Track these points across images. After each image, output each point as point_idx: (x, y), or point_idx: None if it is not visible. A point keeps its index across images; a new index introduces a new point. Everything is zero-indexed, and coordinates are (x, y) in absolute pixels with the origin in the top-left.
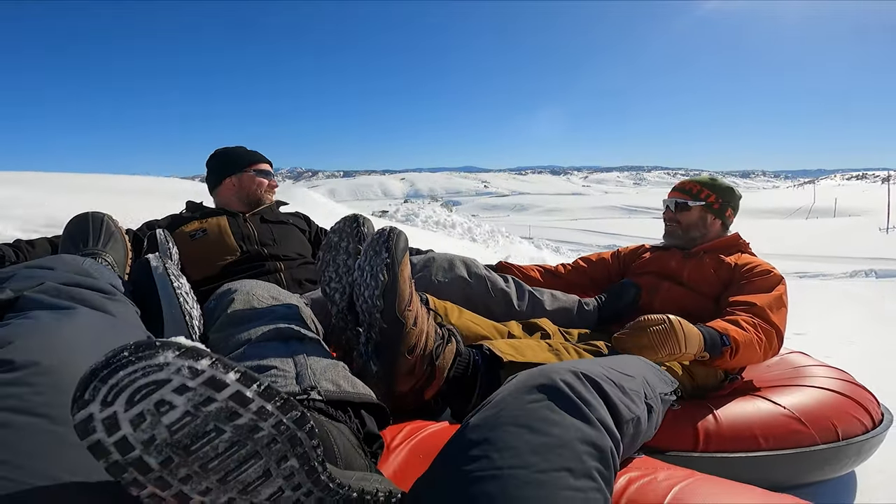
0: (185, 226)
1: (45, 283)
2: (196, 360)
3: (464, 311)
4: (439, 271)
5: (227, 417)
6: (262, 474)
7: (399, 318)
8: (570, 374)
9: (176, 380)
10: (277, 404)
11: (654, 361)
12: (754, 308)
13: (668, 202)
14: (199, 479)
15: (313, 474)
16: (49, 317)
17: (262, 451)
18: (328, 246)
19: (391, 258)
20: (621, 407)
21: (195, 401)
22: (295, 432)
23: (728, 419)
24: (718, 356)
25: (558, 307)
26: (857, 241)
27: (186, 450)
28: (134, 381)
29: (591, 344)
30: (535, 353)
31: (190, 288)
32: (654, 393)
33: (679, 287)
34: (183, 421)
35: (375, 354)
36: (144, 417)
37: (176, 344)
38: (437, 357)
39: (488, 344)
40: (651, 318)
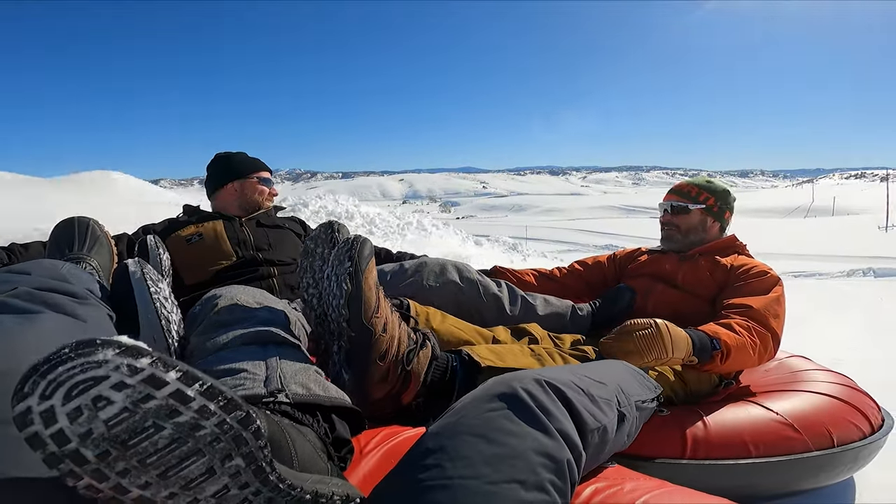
0: (181, 230)
1: (18, 288)
2: (136, 358)
3: (447, 317)
4: (431, 276)
5: (167, 415)
6: (205, 471)
7: (366, 326)
8: (532, 383)
9: (114, 376)
10: (220, 404)
11: (641, 367)
12: (750, 311)
13: (664, 205)
14: (138, 472)
15: (261, 474)
16: (13, 321)
17: (204, 449)
18: (306, 252)
19: (354, 267)
20: (586, 416)
21: (133, 397)
22: (239, 432)
23: (718, 425)
24: (708, 360)
25: (551, 312)
26: (855, 240)
27: (124, 444)
28: (72, 377)
29: (579, 349)
30: (516, 359)
31: (170, 293)
32: (629, 401)
33: (673, 290)
34: (120, 416)
35: (347, 362)
36: (81, 412)
37: (116, 342)
38: (409, 362)
39: (468, 349)
40: (637, 322)
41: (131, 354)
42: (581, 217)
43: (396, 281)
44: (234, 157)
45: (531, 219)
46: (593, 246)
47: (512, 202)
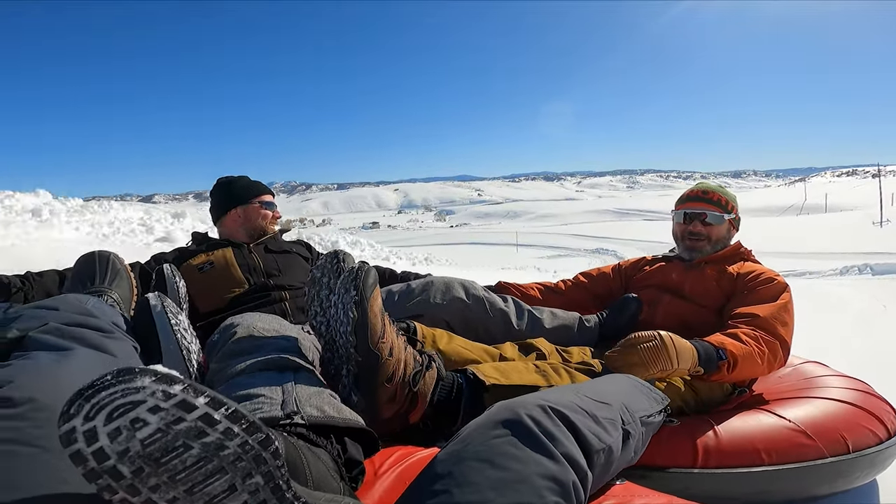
0: (192, 259)
1: (48, 324)
2: (170, 385)
3: (454, 337)
4: (437, 294)
5: (196, 436)
6: (227, 488)
7: (373, 351)
8: (536, 409)
9: (150, 401)
10: (243, 426)
11: (646, 379)
12: (757, 320)
13: (694, 214)
14: (168, 488)
15: (278, 492)
16: (48, 357)
17: (227, 467)
18: (312, 281)
19: (359, 295)
20: (591, 438)
21: (167, 420)
22: (260, 452)
23: (729, 434)
24: (715, 371)
25: (558, 325)
26: (850, 237)
27: (157, 462)
28: (113, 401)
29: (586, 364)
30: (521, 376)
31: (189, 324)
32: (633, 417)
33: (681, 300)
34: (155, 437)
35: (356, 385)
36: (121, 432)
37: (153, 371)
38: (416, 384)
39: (473, 368)
40: (641, 335)
41: (166, 382)
42: (574, 222)
43: (404, 301)
44: (235, 182)
45: (525, 225)
46: (584, 250)
47: (507, 209)
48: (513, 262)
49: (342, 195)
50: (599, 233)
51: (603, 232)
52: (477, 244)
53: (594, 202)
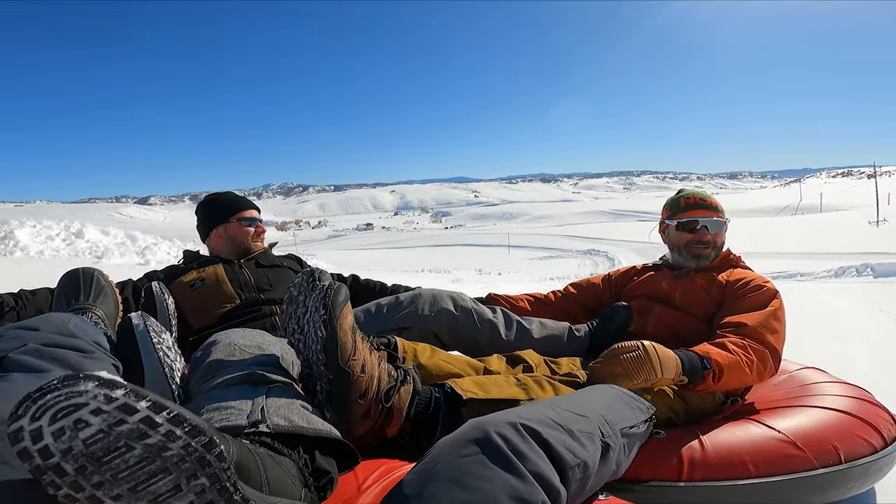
0: (183, 276)
1: (27, 345)
2: (111, 389)
3: (437, 351)
4: (425, 306)
5: (138, 437)
6: (172, 488)
7: (344, 369)
8: (506, 426)
9: (93, 404)
10: (185, 429)
11: (630, 389)
12: (745, 329)
13: (704, 222)
14: (111, 486)
15: (225, 493)
16: (24, 379)
17: (171, 468)
18: (290, 299)
19: (328, 314)
20: (564, 453)
21: (108, 421)
22: (203, 454)
23: (716, 446)
24: (700, 380)
25: (547, 335)
26: (846, 236)
27: (99, 461)
28: (58, 403)
29: (571, 375)
30: (501, 390)
31: (174, 342)
32: (613, 429)
33: (671, 309)
34: (96, 437)
35: (329, 402)
36: (64, 432)
37: (96, 377)
38: (389, 399)
39: (451, 382)
40: (625, 345)
41: (108, 386)
42: (569, 223)
43: (393, 313)
44: (215, 201)
45: (521, 226)
46: (575, 251)
47: (502, 210)
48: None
49: (339, 197)
50: (592, 234)
51: (596, 233)
52: (470, 245)
53: (590, 203)
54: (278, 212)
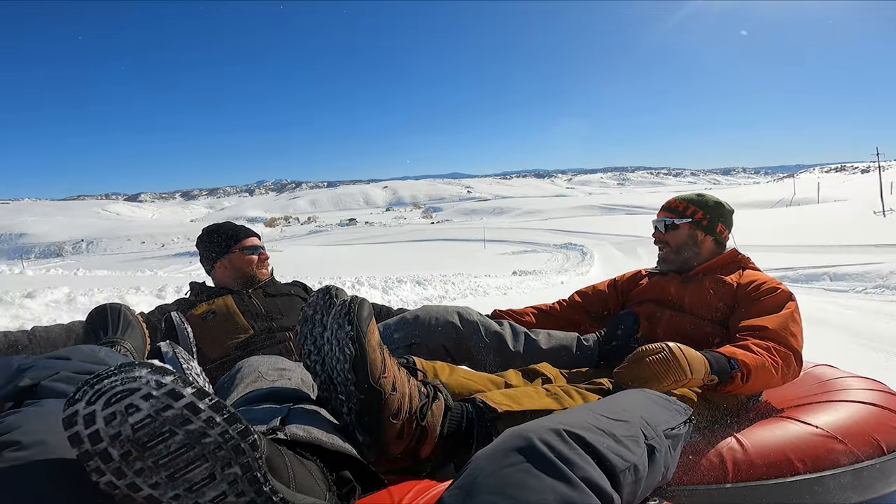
0: (194, 309)
1: (59, 373)
2: (162, 376)
3: (456, 369)
4: (431, 320)
5: (181, 423)
6: (207, 476)
7: (375, 388)
8: (549, 433)
9: (144, 389)
10: (224, 416)
11: (661, 392)
12: (766, 332)
13: (656, 223)
14: (151, 473)
15: (255, 483)
16: (56, 404)
17: (208, 455)
18: (304, 319)
19: (354, 330)
20: (613, 458)
21: (157, 406)
22: (238, 442)
23: (756, 445)
24: (729, 381)
25: (556, 345)
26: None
27: (144, 446)
28: (114, 387)
29: (595, 382)
30: (532, 401)
31: (201, 370)
32: (657, 431)
33: (681, 314)
34: (144, 422)
35: (359, 424)
36: (115, 416)
37: (150, 364)
38: (423, 417)
39: (481, 396)
40: (649, 347)
41: (159, 373)
42: (556, 217)
43: (400, 330)
44: (215, 232)
45: (511, 220)
46: (552, 245)
47: (493, 206)
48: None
49: (331, 193)
50: (576, 227)
51: (580, 227)
52: (448, 240)
53: (583, 199)
54: (268, 208)
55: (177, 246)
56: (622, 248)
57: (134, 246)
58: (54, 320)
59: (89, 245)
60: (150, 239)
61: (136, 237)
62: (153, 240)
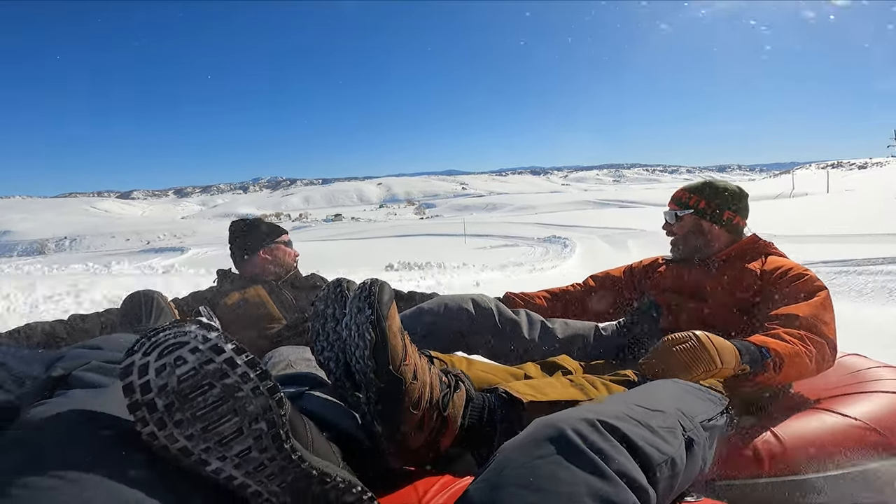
0: (226, 298)
1: (90, 363)
2: (208, 331)
3: (473, 361)
4: (445, 308)
5: (220, 376)
6: (235, 430)
7: (396, 375)
8: (582, 423)
9: (192, 343)
10: (257, 372)
11: (691, 381)
12: (798, 320)
13: (666, 214)
14: (188, 424)
15: (277, 440)
16: (83, 394)
17: (239, 410)
18: (316, 315)
19: (375, 314)
20: (649, 450)
21: (201, 360)
22: (267, 399)
23: (793, 438)
24: (761, 370)
25: (572, 334)
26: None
27: (185, 398)
28: (167, 340)
29: (619, 374)
30: (557, 391)
31: None
32: (694, 423)
33: (703, 303)
34: (189, 373)
35: (378, 415)
36: (165, 368)
37: (198, 321)
38: (445, 407)
39: (504, 386)
40: (675, 336)
41: (206, 328)
42: (548, 212)
43: (416, 320)
44: (258, 225)
45: (502, 216)
46: (535, 238)
47: (486, 202)
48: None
49: (325, 190)
50: (565, 221)
51: (569, 220)
52: (431, 235)
53: (578, 194)
54: (261, 205)
55: (161, 242)
56: (611, 241)
57: (118, 243)
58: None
59: (72, 242)
60: (136, 236)
61: (121, 234)
62: (138, 237)
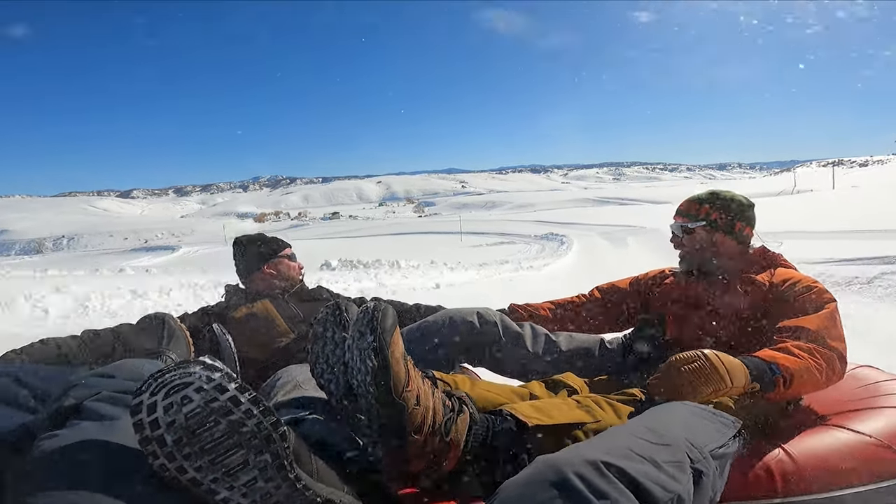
0: (234, 312)
1: (101, 393)
2: (212, 372)
3: (477, 381)
4: (448, 321)
5: (225, 413)
6: (242, 462)
7: (398, 402)
8: (585, 466)
9: (197, 383)
10: (260, 409)
11: (700, 402)
12: (807, 333)
13: (673, 228)
14: (197, 457)
15: (282, 470)
16: (92, 427)
17: (244, 444)
18: (315, 337)
19: (377, 341)
20: (654, 489)
21: (206, 398)
22: (271, 433)
23: (805, 456)
24: (771, 388)
25: (577, 347)
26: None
27: (193, 433)
28: (173, 381)
29: (626, 393)
30: (563, 413)
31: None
32: (703, 453)
33: (709, 316)
34: (195, 411)
35: (380, 439)
36: (172, 406)
37: (202, 361)
38: (448, 432)
39: (508, 408)
40: (682, 356)
41: (209, 369)
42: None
43: (420, 334)
44: (260, 240)
45: (501, 214)
46: (532, 236)
47: (486, 200)
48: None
49: (324, 188)
50: (563, 219)
51: (566, 218)
52: (428, 233)
53: (577, 192)
54: (261, 204)
55: (160, 241)
56: (610, 238)
57: (116, 242)
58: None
59: (70, 241)
60: (134, 235)
61: (119, 233)
62: (136, 236)
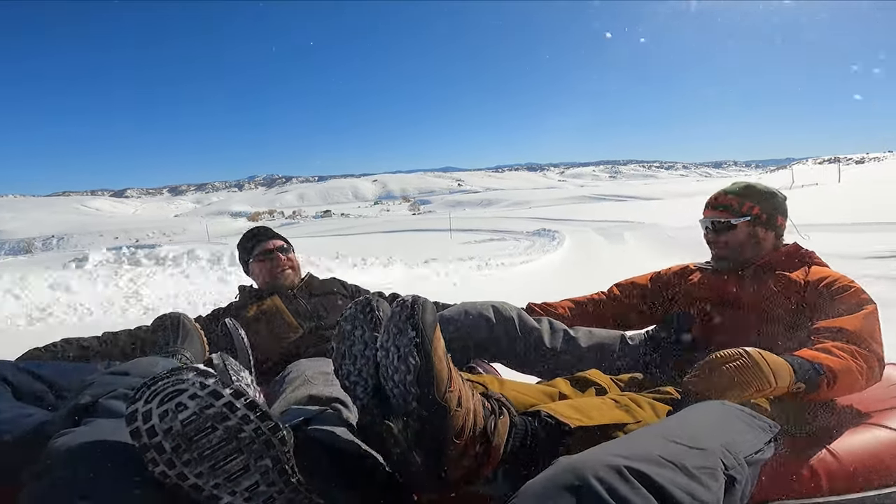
0: (246, 311)
1: (116, 390)
2: (205, 378)
3: (505, 381)
4: (465, 315)
5: (221, 419)
6: (242, 468)
7: (441, 403)
8: (608, 471)
9: (191, 390)
10: (257, 414)
11: (741, 402)
12: (847, 334)
13: (705, 222)
14: (196, 464)
15: (284, 475)
16: (107, 424)
17: (244, 449)
18: (342, 336)
19: (420, 336)
20: (683, 498)
21: (201, 405)
22: (269, 437)
23: (849, 454)
24: (815, 388)
25: (596, 343)
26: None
27: (191, 440)
28: (167, 388)
29: (661, 391)
30: (602, 413)
31: (252, 379)
32: (738, 459)
33: (741, 314)
34: (191, 418)
35: (417, 444)
36: (168, 413)
37: (195, 368)
38: (492, 435)
39: (547, 409)
40: (723, 354)
41: (203, 375)
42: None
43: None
44: (252, 234)
45: (496, 211)
46: (525, 232)
47: (481, 198)
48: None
49: (319, 187)
50: (558, 215)
51: (561, 214)
52: (419, 231)
53: (574, 190)
54: (255, 203)
55: (151, 241)
56: (606, 234)
57: (107, 241)
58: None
59: (60, 241)
60: (124, 234)
61: (110, 233)
62: (127, 235)
